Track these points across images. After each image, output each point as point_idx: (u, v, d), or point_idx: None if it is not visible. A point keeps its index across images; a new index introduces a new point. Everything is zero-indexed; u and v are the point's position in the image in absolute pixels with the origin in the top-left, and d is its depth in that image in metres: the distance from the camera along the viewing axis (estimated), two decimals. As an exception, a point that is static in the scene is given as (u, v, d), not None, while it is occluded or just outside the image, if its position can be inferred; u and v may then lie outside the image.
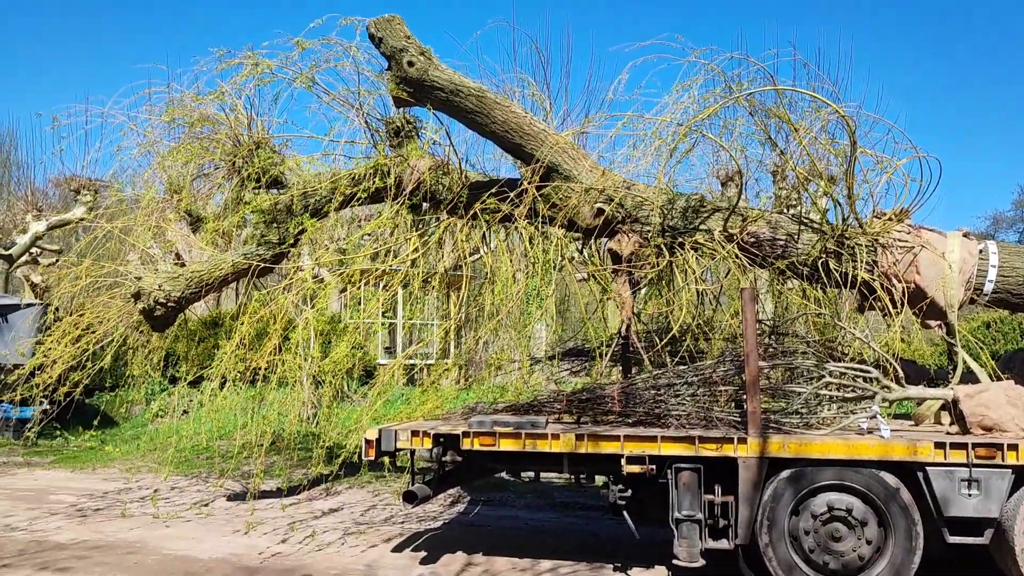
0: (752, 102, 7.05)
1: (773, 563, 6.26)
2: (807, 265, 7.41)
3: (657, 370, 7.45)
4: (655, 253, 7.51)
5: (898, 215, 7.29)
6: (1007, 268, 7.11)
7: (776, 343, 7.57)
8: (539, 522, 9.28)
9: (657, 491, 6.66)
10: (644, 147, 7.28)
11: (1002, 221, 44.03)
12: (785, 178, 10.41)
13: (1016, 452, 5.97)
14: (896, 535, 6.12)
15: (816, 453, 6.23)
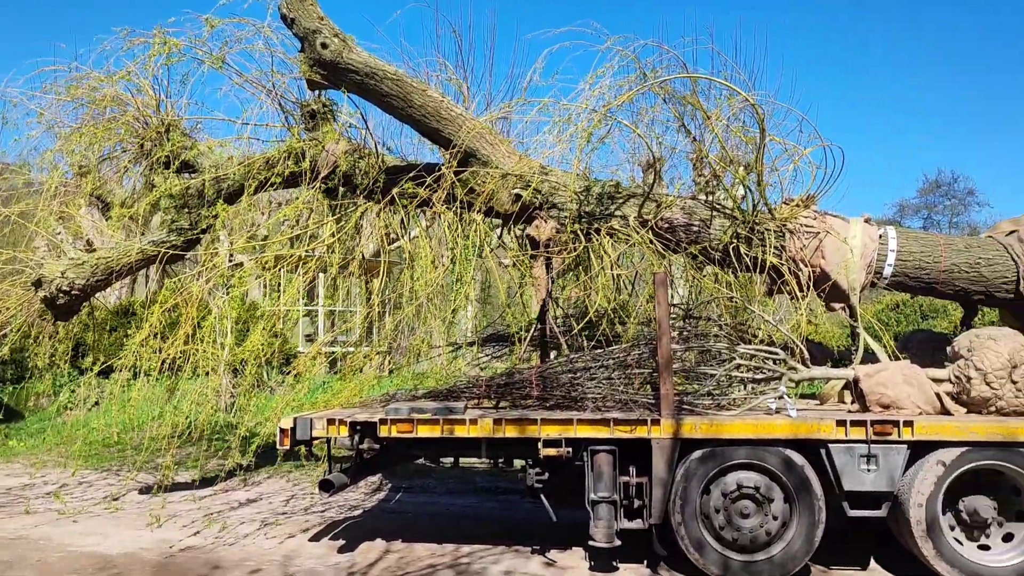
0: (666, 89, 7.17)
1: (685, 541, 6.42)
2: (719, 250, 7.59)
3: (574, 354, 7.53)
4: (572, 239, 7.57)
5: (805, 201, 7.52)
6: (905, 253, 7.41)
7: (689, 326, 7.74)
8: (460, 507, 9.31)
9: (574, 473, 6.75)
10: (559, 133, 7.32)
11: (907, 208, 46.01)
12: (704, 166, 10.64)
13: (911, 428, 6.25)
14: (801, 510, 6.35)
15: (726, 433, 6.41)
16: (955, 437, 6.23)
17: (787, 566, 6.34)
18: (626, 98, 6.97)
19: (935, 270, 7.41)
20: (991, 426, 6.23)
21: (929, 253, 7.45)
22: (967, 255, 7.40)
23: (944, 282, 7.45)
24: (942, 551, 6.18)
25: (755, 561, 6.37)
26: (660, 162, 8.38)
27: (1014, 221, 7.91)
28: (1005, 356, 6.47)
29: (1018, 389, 6.45)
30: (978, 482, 6.35)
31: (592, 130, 7.09)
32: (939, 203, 46.50)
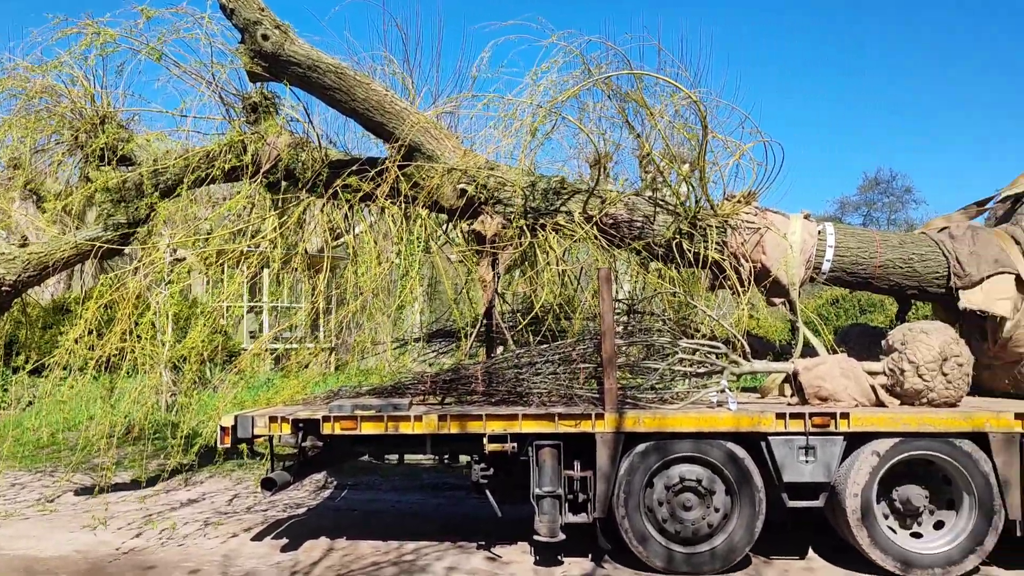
0: (610, 85, 7.20)
1: (629, 534, 6.48)
2: (663, 246, 7.66)
3: (520, 349, 7.54)
4: (518, 234, 7.57)
5: (746, 197, 7.63)
6: (842, 248, 7.58)
7: (634, 321, 7.81)
8: (406, 504, 9.26)
9: (519, 469, 6.77)
10: (504, 128, 7.31)
11: (848, 205, 47.11)
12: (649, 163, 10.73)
13: (847, 420, 6.39)
14: (742, 502, 6.46)
15: (669, 427, 6.48)
16: (889, 428, 6.40)
17: (729, 557, 6.44)
18: (571, 94, 6.99)
19: (871, 265, 7.58)
20: (923, 417, 6.41)
21: (865, 249, 7.62)
22: (901, 251, 7.59)
23: (880, 277, 7.63)
24: (876, 539, 6.34)
25: (697, 553, 6.46)
26: (607, 158, 8.44)
27: (946, 218, 8.15)
28: (936, 349, 6.65)
29: (948, 381, 6.64)
30: (911, 472, 6.53)
31: (537, 125, 7.09)
32: (878, 200, 47.71)
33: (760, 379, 8.00)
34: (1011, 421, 6.31)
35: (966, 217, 8.07)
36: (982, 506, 6.31)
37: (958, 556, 6.33)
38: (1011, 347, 7.15)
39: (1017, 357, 7.18)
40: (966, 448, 6.35)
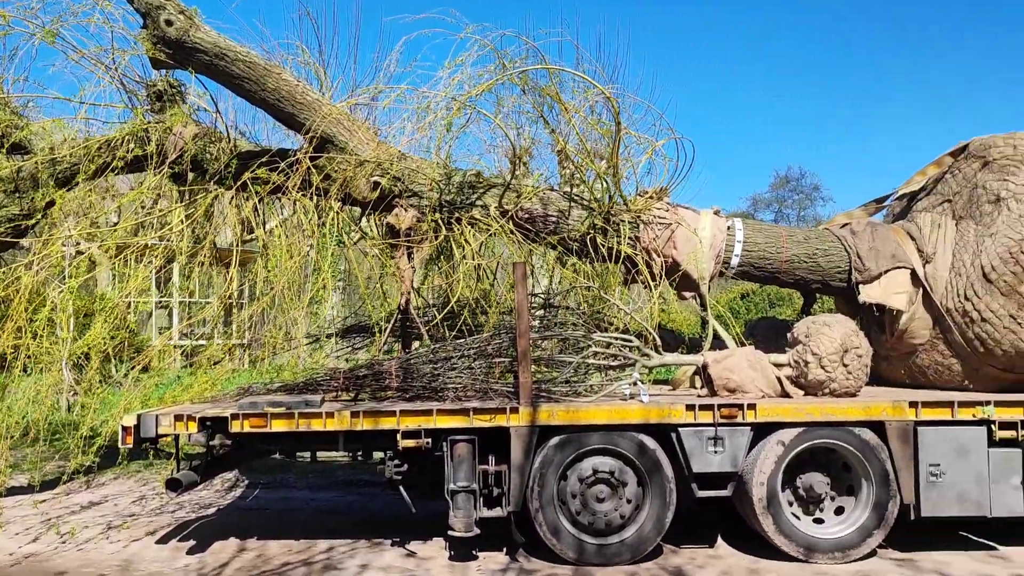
0: (525, 80, 7.20)
1: (543, 527, 6.52)
2: (577, 240, 7.72)
3: (436, 344, 7.50)
4: (433, 228, 7.52)
5: (658, 193, 7.75)
6: (750, 244, 7.77)
7: (549, 315, 7.85)
8: (320, 502, 9.11)
9: (434, 464, 6.73)
10: (418, 121, 7.25)
11: (760, 202, 48.49)
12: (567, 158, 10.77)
13: (754, 411, 6.57)
14: (653, 493, 6.57)
15: (582, 419, 6.54)
16: (793, 418, 6.60)
17: (640, 547, 6.55)
18: (485, 88, 6.97)
19: (778, 260, 7.80)
20: (825, 407, 6.63)
21: (772, 244, 7.84)
22: (806, 246, 7.83)
23: (786, 272, 7.86)
24: (781, 526, 6.54)
25: (609, 544, 6.54)
26: (526, 153, 8.44)
27: (847, 215, 8.45)
28: (838, 341, 6.89)
29: (849, 372, 6.89)
30: (814, 460, 6.76)
31: (451, 119, 7.05)
32: (789, 197, 49.24)
33: (672, 371, 8.15)
34: (906, 410, 6.59)
35: (866, 214, 8.38)
36: (879, 492, 6.57)
37: (857, 540, 6.58)
38: (906, 339, 7.46)
39: (912, 348, 7.50)
40: (865, 436, 6.60)
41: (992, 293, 6.87)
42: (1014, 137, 7.33)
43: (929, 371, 7.47)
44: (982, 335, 6.94)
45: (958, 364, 7.23)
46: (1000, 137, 7.38)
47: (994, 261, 6.86)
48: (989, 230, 7.05)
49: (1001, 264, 6.83)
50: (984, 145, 7.41)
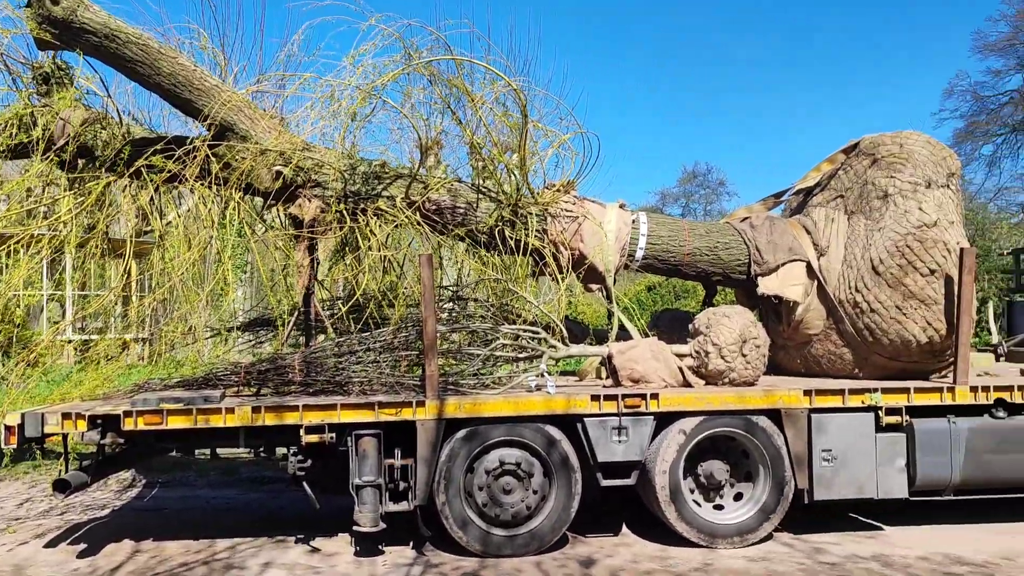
0: (431, 70, 7.13)
1: (449, 520, 6.50)
2: (485, 233, 7.70)
3: (340, 338, 7.38)
4: (337, 219, 7.38)
5: (565, 187, 7.80)
6: (655, 237, 7.91)
7: (458, 308, 7.83)
8: (222, 500, 8.86)
9: (339, 459, 6.63)
10: (322, 110, 7.09)
11: (669, 196, 49.59)
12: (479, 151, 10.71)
13: (657, 401, 6.69)
14: (559, 483, 6.62)
15: (488, 412, 6.54)
16: (694, 407, 6.76)
17: (546, 537, 6.60)
18: (391, 77, 6.86)
19: (680, 253, 7.96)
20: (725, 396, 6.81)
21: (675, 237, 7.99)
22: (708, 240, 8.02)
23: (688, 264, 8.03)
24: (683, 513, 6.69)
25: (516, 535, 6.57)
26: (437, 144, 8.36)
27: (747, 209, 8.68)
28: (737, 332, 7.08)
29: (747, 362, 7.09)
30: (714, 448, 6.94)
31: (356, 108, 6.92)
32: (696, 192, 50.50)
33: (579, 362, 8.24)
34: (800, 398, 6.84)
35: (765, 208, 8.64)
36: (775, 477, 6.80)
37: (755, 524, 6.80)
38: (802, 329, 7.73)
39: (807, 339, 7.78)
40: (762, 424, 6.82)
41: (880, 285, 7.17)
42: (900, 136, 7.66)
43: (823, 360, 7.75)
44: (871, 325, 7.25)
45: (849, 353, 7.53)
46: (888, 136, 7.71)
47: (882, 254, 7.17)
48: (878, 224, 7.35)
49: (888, 257, 7.14)
50: (873, 143, 7.73)
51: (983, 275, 17.53)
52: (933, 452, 6.93)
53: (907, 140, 7.59)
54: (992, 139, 30.03)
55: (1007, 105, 29.37)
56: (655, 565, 6.33)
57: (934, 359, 7.35)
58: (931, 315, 7.10)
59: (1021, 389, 7.11)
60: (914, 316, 7.11)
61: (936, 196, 7.33)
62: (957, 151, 28.85)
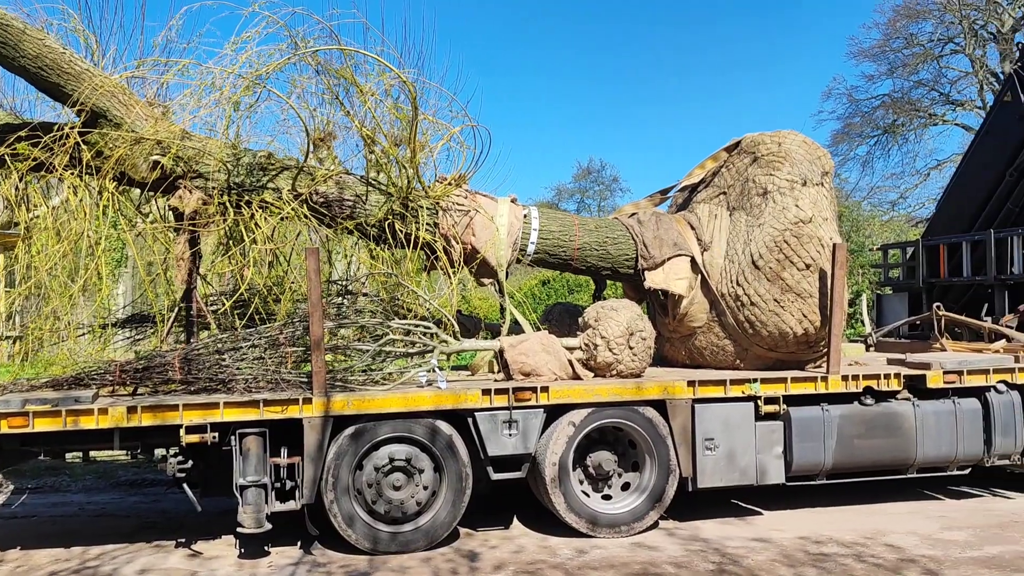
0: (318, 60, 6.97)
1: (337, 518, 6.39)
2: (375, 226, 7.58)
3: (224, 334, 7.14)
4: (220, 211, 7.12)
5: (456, 180, 7.77)
6: (546, 231, 7.97)
7: (347, 303, 7.69)
8: (98, 505, 8.45)
9: (222, 459, 6.43)
10: (202, 98, 6.82)
11: (564, 192, 50.14)
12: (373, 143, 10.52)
13: (547, 393, 6.77)
14: (449, 478, 6.61)
15: (377, 408, 6.47)
16: (583, 399, 6.87)
17: (436, 533, 6.58)
18: (276, 66, 6.67)
19: (571, 248, 8.05)
20: (612, 388, 6.95)
21: (566, 232, 8.07)
22: (597, 235, 8.13)
23: (578, 259, 8.12)
24: (571, 503, 6.79)
25: (405, 531, 6.52)
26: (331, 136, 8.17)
27: (635, 204, 8.86)
28: (624, 325, 7.22)
29: (634, 354, 7.24)
30: (603, 439, 7.07)
31: (239, 97, 6.70)
32: (590, 188, 51.17)
33: (472, 357, 8.23)
34: (684, 388, 7.04)
35: (652, 204, 8.83)
36: (661, 467, 6.98)
37: (642, 512, 6.96)
38: (687, 322, 7.95)
39: (691, 331, 8.00)
40: (648, 415, 6.98)
41: (759, 279, 7.44)
42: (779, 135, 7.96)
43: (706, 352, 7.99)
44: (751, 318, 7.52)
45: (731, 345, 7.79)
46: (768, 135, 8.00)
47: (761, 249, 7.44)
48: (758, 221, 7.62)
49: (767, 252, 7.41)
50: (754, 142, 8.01)
51: (857, 269, 18.47)
52: (808, 439, 7.26)
53: (785, 139, 7.90)
54: (866, 140, 31.66)
55: (879, 108, 30.98)
56: (540, 556, 6.40)
57: (809, 350, 7.69)
58: (806, 308, 7.41)
59: (887, 377, 7.53)
60: (791, 309, 7.41)
61: (811, 194, 7.65)
62: (834, 151, 30.43)
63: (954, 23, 28.72)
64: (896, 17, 29.86)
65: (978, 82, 28.44)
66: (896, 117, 30.57)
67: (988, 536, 6.83)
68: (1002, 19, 27.54)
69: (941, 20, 29.09)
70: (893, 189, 30.80)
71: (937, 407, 7.62)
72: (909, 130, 30.72)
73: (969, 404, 7.71)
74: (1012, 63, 10.38)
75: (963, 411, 7.66)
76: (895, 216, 28.89)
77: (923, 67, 29.77)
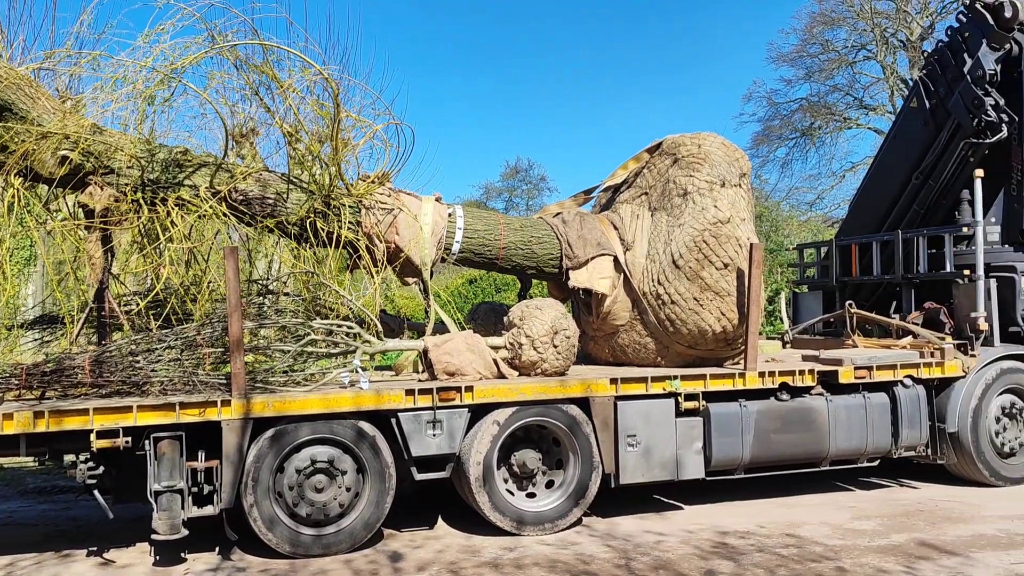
0: (237, 55, 6.81)
1: (258, 522, 6.27)
2: (297, 225, 7.46)
3: (138, 335, 6.92)
4: (134, 209, 6.90)
5: (380, 178, 7.69)
6: (471, 230, 7.97)
7: (269, 303, 7.55)
8: (4, 513, 8.10)
9: (136, 464, 6.24)
10: (113, 91, 6.59)
11: (492, 191, 50.22)
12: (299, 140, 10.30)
13: (471, 393, 6.76)
14: (372, 479, 6.55)
15: (298, 410, 6.37)
16: (508, 398, 6.89)
17: (359, 535, 6.51)
18: (192, 60, 6.49)
19: (496, 247, 8.07)
20: (537, 386, 6.99)
21: (491, 231, 8.08)
22: (522, 234, 8.17)
23: (504, 258, 8.14)
24: (496, 502, 6.81)
25: (328, 534, 6.44)
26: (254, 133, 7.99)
27: (559, 204, 8.94)
28: (548, 324, 7.27)
29: (558, 352, 7.30)
30: (527, 437, 7.11)
31: (154, 91, 6.51)
32: (518, 187, 51.36)
33: (396, 357, 8.17)
34: (607, 386, 7.13)
35: (576, 204, 8.91)
36: (584, 464, 7.05)
37: (565, 510, 7.02)
38: (610, 320, 8.05)
39: (614, 329, 8.11)
40: (572, 412, 7.05)
41: (680, 278, 7.59)
42: (699, 137, 8.13)
43: (629, 349, 8.11)
44: (671, 316, 7.65)
45: (652, 343, 7.92)
46: (688, 136, 8.16)
47: (681, 249, 7.59)
48: (678, 221, 7.77)
49: (687, 252, 7.56)
50: (675, 143, 8.16)
51: (776, 268, 19.00)
52: (726, 434, 7.44)
53: (705, 141, 8.06)
54: (785, 142, 32.57)
55: (797, 112, 31.90)
56: (463, 555, 6.40)
57: (728, 347, 7.87)
58: (725, 306, 7.59)
59: (802, 373, 7.78)
60: (710, 307, 7.57)
61: (730, 195, 7.83)
62: (754, 153, 31.25)
63: (867, 31, 29.76)
64: (812, 23, 30.83)
65: (889, 88, 29.53)
66: (813, 120, 31.51)
67: (895, 525, 7.11)
68: (911, 28, 28.69)
69: (855, 27, 30.12)
70: (811, 190, 31.77)
71: (848, 402, 7.90)
72: (826, 133, 31.71)
73: (878, 398, 8.02)
74: (919, 70, 10.80)
75: (872, 405, 7.96)
76: (812, 216, 29.81)
77: (838, 72, 30.80)
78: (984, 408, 8.38)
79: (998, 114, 8.99)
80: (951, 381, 8.36)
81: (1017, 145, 9.14)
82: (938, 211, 9.84)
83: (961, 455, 8.35)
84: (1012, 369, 8.60)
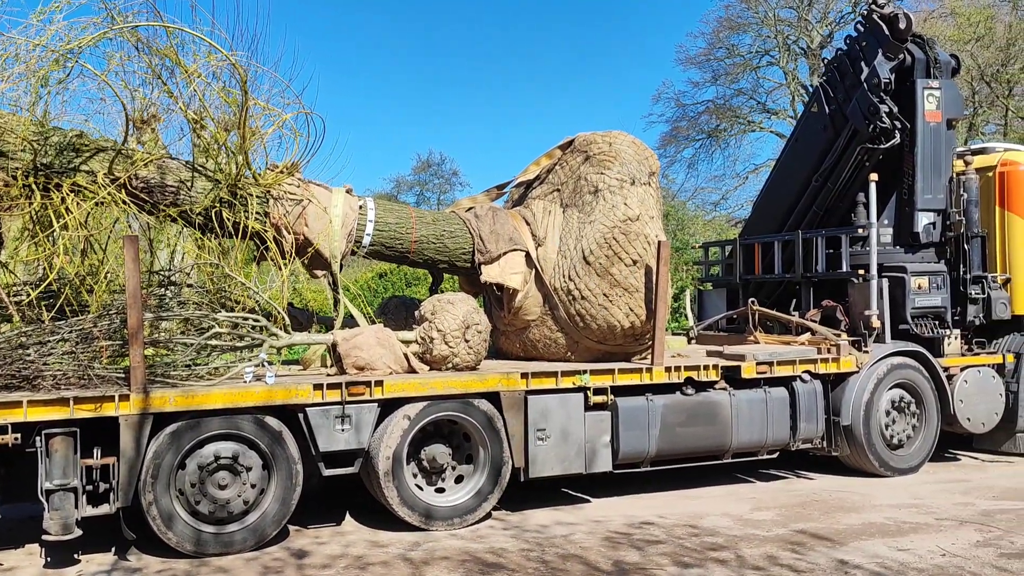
0: (137, 36, 6.55)
1: (157, 521, 6.08)
2: (202, 214, 7.24)
3: (29, 327, 6.59)
4: (26, 194, 6.57)
5: (289, 168, 7.53)
6: (382, 224, 7.88)
7: (171, 294, 7.30)
8: None
9: (26, 462, 5.94)
10: (3, 70, 6.24)
11: (403, 184, 49.88)
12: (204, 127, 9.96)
13: (381, 387, 6.71)
14: (278, 475, 6.42)
15: (201, 404, 6.19)
16: (418, 393, 6.86)
17: (264, 532, 6.38)
18: (89, 40, 6.20)
19: (408, 241, 8.01)
20: (448, 381, 6.98)
21: (403, 225, 8.02)
22: (434, 228, 8.13)
23: (415, 252, 8.09)
24: (404, 497, 6.77)
25: (231, 531, 6.29)
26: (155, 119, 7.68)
27: (472, 199, 8.94)
28: (460, 318, 7.26)
29: (470, 347, 7.30)
30: (438, 432, 7.09)
31: (47, 72, 6.20)
32: (430, 181, 51.13)
33: (304, 351, 8.03)
34: (518, 381, 7.18)
35: (489, 199, 8.93)
36: (494, 458, 7.08)
37: (474, 505, 7.04)
38: (521, 315, 8.10)
39: (526, 324, 8.16)
40: (483, 407, 7.07)
41: (590, 274, 7.69)
42: (610, 135, 8.25)
43: (540, 344, 8.18)
44: (582, 311, 7.76)
45: (563, 338, 8.01)
46: (599, 135, 8.27)
47: (592, 245, 7.69)
48: (589, 217, 7.87)
49: (597, 248, 7.67)
50: (586, 141, 8.26)
51: (682, 266, 19.46)
52: (633, 428, 7.59)
53: (615, 140, 8.19)
54: (692, 143, 33.40)
55: (704, 113, 32.77)
56: (372, 551, 6.35)
57: (636, 342, 8.02)
58: (633, 302, 7.73)
59: (707, 368, 8.00)
60: (619, 303, 7.70)
61: (639, 193, 7.98)
62: (662, 153, 31.93)
63: (770, 37, 30.80)
64: (719, 28, 31.69)
65: (791, 93, 30.63)
66: (719, 122, 32.41)
67: (791, 515, 7.39)
68: (812, 36, 29.82)
69: (759, 34, 31.13)
70: (715, 190, 32.69)
71: (750, 396, 8.17)
72: (731, 135, 32.67)
73: (778, 393, 8.32)
74: (819, 77, 11.23)
75: (773, 399, 8.26)
76: (717, 216, 30.65)
77: (743, 77, 31.75)
78: (876, 402, 8.79)
79: (892, 121, 9.41)
80: (846, 376, 8.74)
81: (909, 151, 9.60)
82: (836, 213, 10.25)
83: (854, 447, 8.75)
84: (902, 365, 9.05)
